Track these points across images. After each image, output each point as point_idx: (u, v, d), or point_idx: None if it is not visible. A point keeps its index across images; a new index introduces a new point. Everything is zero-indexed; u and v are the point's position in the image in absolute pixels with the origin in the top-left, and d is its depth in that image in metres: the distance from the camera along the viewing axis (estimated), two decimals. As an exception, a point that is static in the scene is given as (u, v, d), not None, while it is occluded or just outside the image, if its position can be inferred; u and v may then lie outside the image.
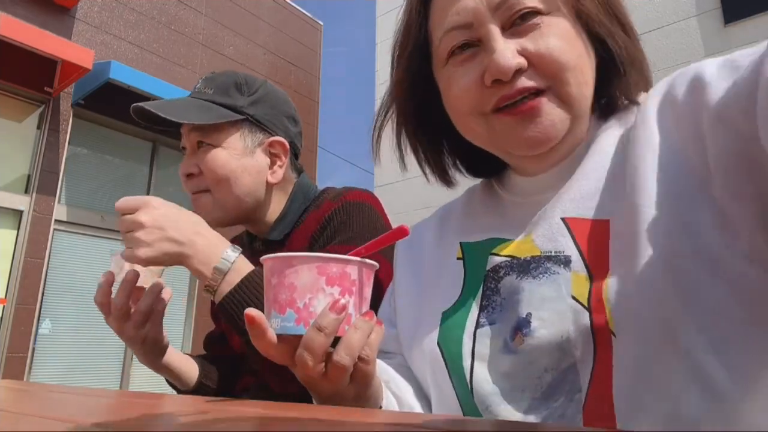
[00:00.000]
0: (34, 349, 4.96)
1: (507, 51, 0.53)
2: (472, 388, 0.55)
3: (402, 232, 0.50)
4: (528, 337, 0.53)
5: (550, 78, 0.54)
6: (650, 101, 0.54)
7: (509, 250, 0.59)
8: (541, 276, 0.54)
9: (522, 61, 0.53)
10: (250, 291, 0.77)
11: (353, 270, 0.49)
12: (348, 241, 0.90)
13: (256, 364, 0.88)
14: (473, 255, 0.63)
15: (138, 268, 0.84)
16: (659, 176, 0.49)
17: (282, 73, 7.58)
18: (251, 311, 0.46)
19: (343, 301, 0.47)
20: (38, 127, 5.31)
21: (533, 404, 0.52)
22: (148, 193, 6.17)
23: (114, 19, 5.87)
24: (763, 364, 0.44)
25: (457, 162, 0.72)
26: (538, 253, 0.55)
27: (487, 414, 0.54)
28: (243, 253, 0.81)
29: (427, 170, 0.71)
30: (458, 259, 0.65)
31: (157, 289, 0.87)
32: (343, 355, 0.47)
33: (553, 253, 0.54)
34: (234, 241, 1.21)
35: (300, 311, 0.47)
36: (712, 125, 0.46)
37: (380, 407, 0.56)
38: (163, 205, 0.76)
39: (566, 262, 0.53)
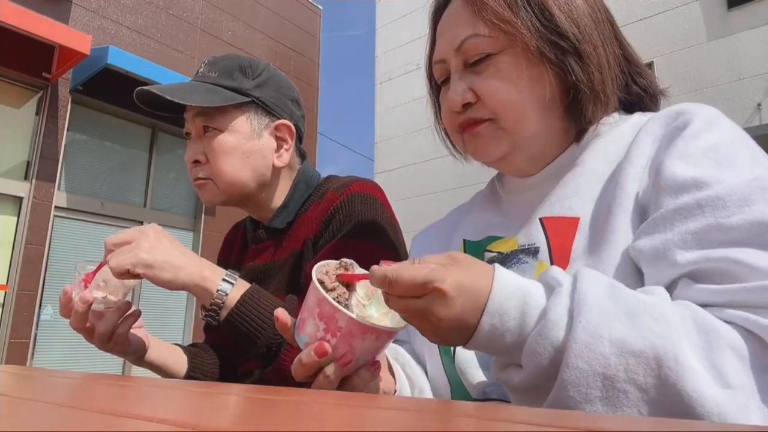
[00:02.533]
0: (36, 334, 4.99)
1: (458, 88, 0.65)
2: (454, 357, 0.66)
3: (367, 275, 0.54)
4: None
5: (491, 113, 0.64)
6: (651, 125, 0.60)
7: (499, 246, 0.68)
8: (513, 266, 0.63)
9: (469, 97, 0.64)
10: (257, 300, 0.81)
11: (341, 318, 0.53)
12: (353, 236, 0.90)
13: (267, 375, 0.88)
14: (472, 252, 0.72)
15: (110, 280, 0.81)
16: (637, 192, 0.56)
17: (281, 58, 7.51)
18: (279, 311, 0.59)
19: (326, 344, 0.52)
20: (37, 114, 5.27)
21: None
22: (148, 179, 6.16)
23: (111, 4, 5.80)
24: None
25: None
26: (516, 248, 0.65)
27: (463, 377, 0.64)
28: (245, 239, 0.82)
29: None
30: None
31: (121, 310, 0.83)
32: (317, 388, 0.55)
33: (526, 246, 0.63)
34: (237, 226, 1.21)
35: (301, 322, 0.57)
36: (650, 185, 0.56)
37: (394, 391, 0.64)
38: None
39: (535, 252, 0.62)
